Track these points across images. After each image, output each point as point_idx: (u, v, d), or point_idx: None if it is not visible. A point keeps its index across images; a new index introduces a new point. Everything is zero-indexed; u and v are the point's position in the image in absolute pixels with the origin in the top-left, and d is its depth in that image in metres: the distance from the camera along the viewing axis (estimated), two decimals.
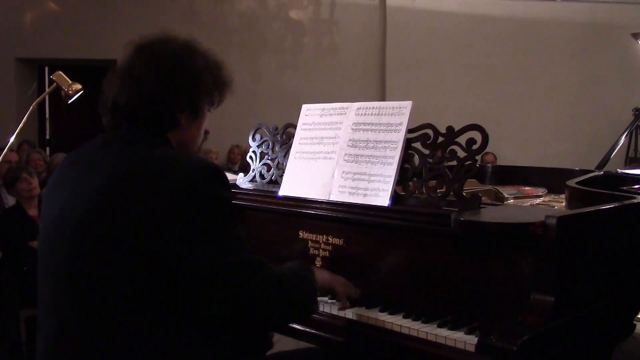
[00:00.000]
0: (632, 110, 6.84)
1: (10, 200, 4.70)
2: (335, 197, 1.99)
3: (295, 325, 1.87)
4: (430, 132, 1.89)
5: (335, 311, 1.82)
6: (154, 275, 1.33)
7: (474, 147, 1.78)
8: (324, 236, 2.01)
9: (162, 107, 1.52)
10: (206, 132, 1.69)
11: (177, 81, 1.52)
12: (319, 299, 1.78)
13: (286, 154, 2.22)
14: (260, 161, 2.34)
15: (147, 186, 1.37)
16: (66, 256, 1.40)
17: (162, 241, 1.33)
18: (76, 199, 1.43)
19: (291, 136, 2.23)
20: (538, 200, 2.69)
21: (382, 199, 1.87)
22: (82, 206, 1.40)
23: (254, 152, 2.36)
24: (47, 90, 3.45)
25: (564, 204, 2.32)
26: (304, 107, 2.23)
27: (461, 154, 1.81)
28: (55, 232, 1.45)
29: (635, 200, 1.87)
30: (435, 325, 1.65)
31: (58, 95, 3.14)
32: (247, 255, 1.45)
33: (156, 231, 1.33)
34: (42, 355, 1.44)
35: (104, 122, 1.58)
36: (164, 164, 1.42)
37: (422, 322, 1.68)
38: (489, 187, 2.80)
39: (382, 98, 8.11)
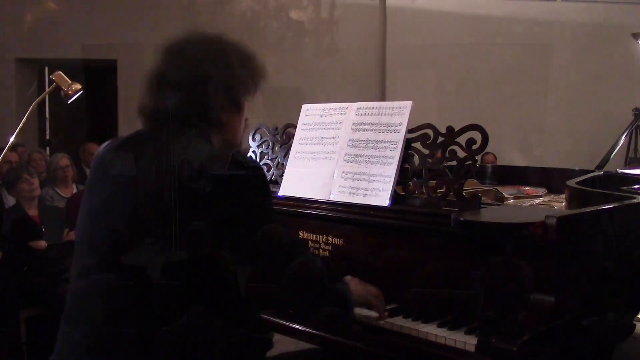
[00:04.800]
0: (632, 110, 6.84)
1: (10, 200, 4.69)
2: (335, 197, 1.99)
3: (295, 325, 1.88)
4: (430, 132, 1.89)
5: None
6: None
7: (474, 147, 1.78)
8: (324, 236, 2.01)
9: (204, 108, 1.51)
10: (245, 120, 1.71)
11: (215, 81, 1.52)
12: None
13: (286, 154, 2.22)
14: (260, 161, 2.34)
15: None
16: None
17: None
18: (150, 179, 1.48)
19: (291, 136, 2.23)
20: (538, 200, 2.69)
21: (382, 199, 1.87)
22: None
23: (254, 152, 2.36)
24: (46, 90, 3.44)
25: (564, 204, 2.32)
26: (304, 107, 2.23)
27: (461, 154, 1.81)
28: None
29: (635, 200, 1.87)
30: (435, 325, 1.65)
31: (58, 95, 3.14)
32: None
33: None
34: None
35: (143, 126, 1.57)
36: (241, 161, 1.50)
37: (422, 322, 1.68)
38: (489, 187, 2.80)
39: (382, 98, 8.09)
